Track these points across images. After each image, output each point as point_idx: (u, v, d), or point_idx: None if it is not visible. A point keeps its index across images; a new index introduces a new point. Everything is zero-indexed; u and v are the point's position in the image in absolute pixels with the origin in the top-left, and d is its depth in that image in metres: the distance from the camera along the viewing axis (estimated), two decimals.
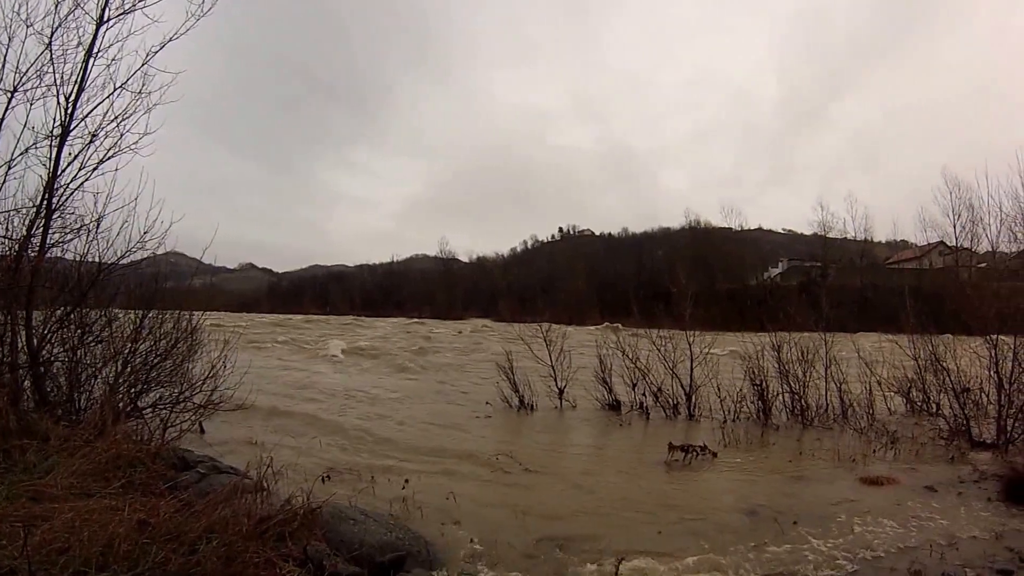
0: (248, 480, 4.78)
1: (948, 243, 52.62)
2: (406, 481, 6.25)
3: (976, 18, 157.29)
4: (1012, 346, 8.43)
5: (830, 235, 65.82)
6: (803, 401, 10.29)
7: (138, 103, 6.96)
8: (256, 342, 25.49)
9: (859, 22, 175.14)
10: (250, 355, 17.73)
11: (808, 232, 73.06)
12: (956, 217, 50.38)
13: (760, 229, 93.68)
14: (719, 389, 10.68)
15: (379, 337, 32.95)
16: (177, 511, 3.63)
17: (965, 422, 8.74)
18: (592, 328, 31.18)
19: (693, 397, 10.90)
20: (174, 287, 8.77)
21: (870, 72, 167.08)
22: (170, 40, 7.06)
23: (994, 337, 8.62)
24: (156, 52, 6.98)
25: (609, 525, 5.41)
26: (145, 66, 6.95)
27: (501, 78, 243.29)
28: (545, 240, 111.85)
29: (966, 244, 49.72)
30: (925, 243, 57.68)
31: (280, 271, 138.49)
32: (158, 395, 7.49)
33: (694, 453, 7.72)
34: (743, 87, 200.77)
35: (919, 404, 10.23)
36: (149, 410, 7.31)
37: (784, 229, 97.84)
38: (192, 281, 9.50)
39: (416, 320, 63.41)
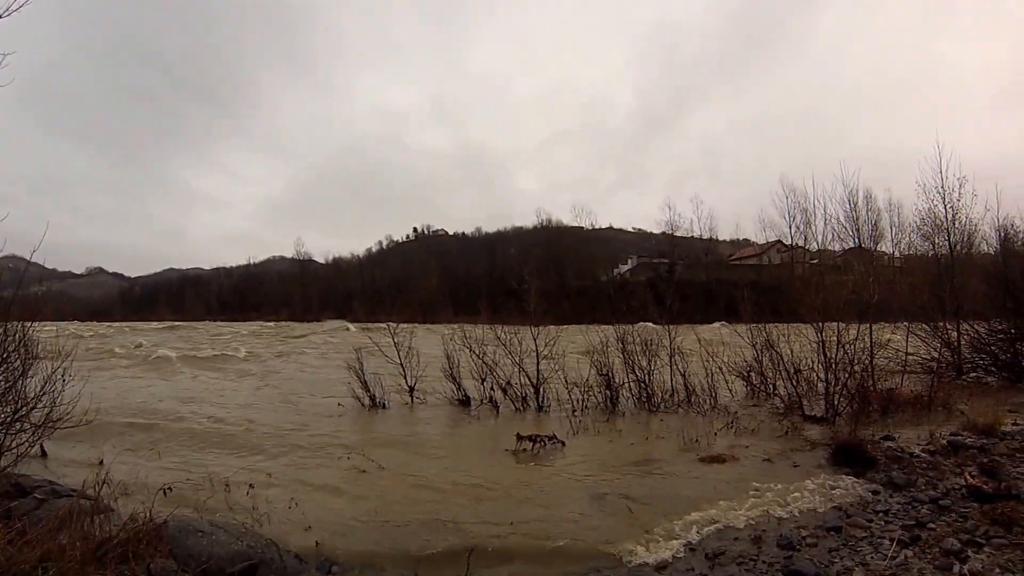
0: (86, 501, 4.57)
1: (785, 242, 59.64)
2: (251, 487, 6.15)
3: (811, 50, 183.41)
4: (836, 331, 9.53)
5: (677, 234, 72.27)
6: (649, 389, 10.92)
7: None
8: (102, 352, 24.28)
9: (710, 42, 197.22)
10: (94, 367, 17.06)
11: (657, 231, 79.63)
12: (792, 219, 57.55)
13: (611, 228, 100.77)
14: (566, 380, 11.07)
15: (232, 341, 32.40)
16: (9, 542, 3.53)
17: (798, 400, 9.82)
18: (444, 326, 31.78)
19: (541, 389, 11.23)
20: (7, 294, 7.61)
21: (718, 87, 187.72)
22: None
23: (821, 324, 9.63)
24: None
25: (461, 519, 5.43)
26: None
27: (364, 78, 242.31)
28: (400, 240, 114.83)
29: (800, 243, 56.80)
30: (765, 241, 64.88)
31: (132, 276, 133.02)
32: None
33: (542, 443, 7.96)
34: (600, 95, 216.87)
35: (758, 386, 11.27)
36: None
37: (634, 228, 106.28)
38: (31, 287, 8.66)
39: (272, 323, 63.08)
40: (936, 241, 15.17)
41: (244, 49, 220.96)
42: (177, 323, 66.93)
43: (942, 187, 14.41)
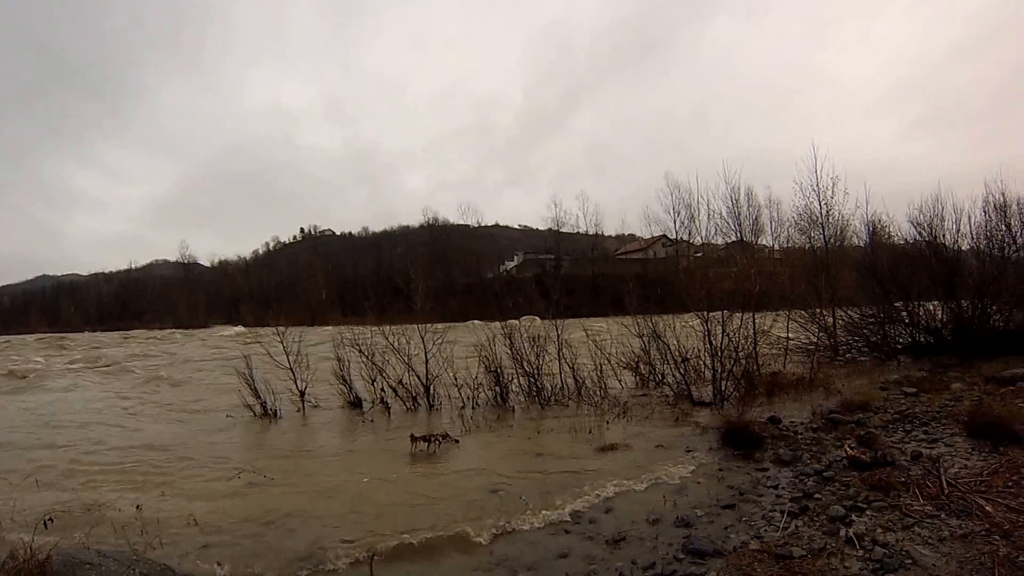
0: None
1: (670, 236, 62.62)
2: (139, 509, 5.90)
3: (700, 56, 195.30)
4: (721, 320, 10.14)
5: (564, 230, 74.37)
6: (538, 383, 11.11)
7: None
8: None
9: (601, 43, 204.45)
10: None
11: (543, 228, 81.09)
12: (676, 214, 60.61)
13: (497, 226, 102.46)
14: (455, 378, 11.14)
15: (111, 352, 30.88)
16: None
17: (687, 387, 10.30)
18: (333, 328, 31.27)
19: (431, 388, 11.24)
20: None
21: (605, 87, 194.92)
22: None
23: (706, 314, 10.21)
24: None
25: (360, 524, 5.34)
26: None
27: (255, 75, 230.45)
28: (287, 241, 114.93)
29: (685, 237, 59.94)
30: (650, 236, 67.80)
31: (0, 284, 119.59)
32: None
33: (436, 442, 7.96)
34: (491, 94, 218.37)
35: (647, 376, 11.74)
36: None
37: (520, 225, 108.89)
38: None
39: (156, 331, 61.45)
40: (812, 235, 16.86)
41: (128, 41, 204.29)
42: (52, 334, 62.18)
43: (817, 186, 16.07)
